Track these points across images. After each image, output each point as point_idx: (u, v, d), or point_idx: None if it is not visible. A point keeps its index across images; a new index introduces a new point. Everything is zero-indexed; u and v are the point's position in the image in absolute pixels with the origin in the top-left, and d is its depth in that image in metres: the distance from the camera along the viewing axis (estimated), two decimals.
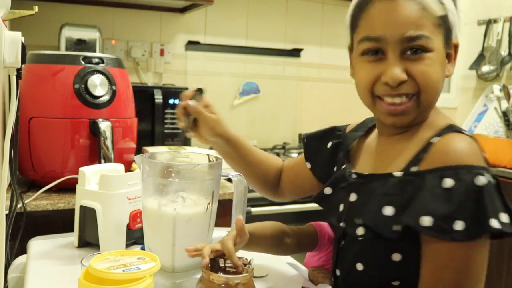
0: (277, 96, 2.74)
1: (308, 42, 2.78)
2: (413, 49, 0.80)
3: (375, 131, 0.97)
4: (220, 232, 1.30)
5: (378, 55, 0.83)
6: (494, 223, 0.71)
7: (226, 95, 2.61)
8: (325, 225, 1.15)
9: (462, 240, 0.72)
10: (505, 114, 2.44)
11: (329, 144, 1.05)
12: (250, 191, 2.03)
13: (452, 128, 0.82)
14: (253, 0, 2.63)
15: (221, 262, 0.84)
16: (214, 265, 0.82)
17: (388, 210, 0.79)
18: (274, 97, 2.74)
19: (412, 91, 0.82)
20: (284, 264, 1.16)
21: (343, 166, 0.97)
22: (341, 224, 0.90)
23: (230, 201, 1.01)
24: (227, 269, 0.83)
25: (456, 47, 0.86)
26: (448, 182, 0.73)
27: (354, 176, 0.90)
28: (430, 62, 0.81)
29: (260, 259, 1.18)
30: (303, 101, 2.81)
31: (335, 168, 1.01)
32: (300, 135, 2.79)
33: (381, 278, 0.83)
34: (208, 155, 1.01)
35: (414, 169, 0.79)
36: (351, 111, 3.00)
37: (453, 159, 0.75)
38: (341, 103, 2.93)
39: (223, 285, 0.77)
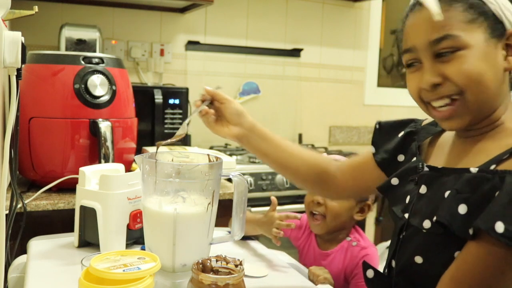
0: (277, 96, 2.74)
1: (308, 42, 2.78)
2: (443, 49, 0.80)
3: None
4: (221, 232, 1.31)
5: (417, 65, 0.85)
6: None
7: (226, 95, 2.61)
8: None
9: None
10: None
11: (401, 133, 1.02)
12: (250, 191, 2.03)
13: None
14: (253, 0, 2.63)
15: (214, 263, 0.83)
16: (206, 266, 0.82)
17: (462, 208, 0.76)
18: (274, 97, 2.74)
19: (451, 92, 0.81)
20: (284, 264, 1.16)
21: (414, 159, 0.95)
22: (406, 215, 0.89)
23: (230, 201, 1.01)
24: (219, 270, 0.82)
25: None
26: None
27: (426, 169, 0.89)
28: (464, 59, 0.79)
29: (260, 259, 1.18)
30: (303, 101, 2.81)
31: (403, 158, 0.98)
32: (300, 135, 2.79)
33: (438, 274, 0.80)
34: (208, 155, 1.01)
35: (493, 167, 0.76)
36: (351, 111, 3.01)
37: None
38: (341, 103, 2.93)
39: (212, 286, 0.77)
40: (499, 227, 0.70)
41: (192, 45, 2.48)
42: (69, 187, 1.39)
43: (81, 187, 1.14)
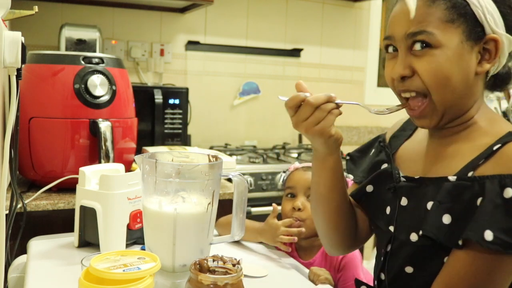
0: (277, 96, 2.74)
1: (308, 42, 2.78)
2: (417, 43, 0.80)
3: (423, 131, 0.94)
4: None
5: (394, 53, 0.85)
6: None
7: (226, 95, 2.61)
8: None
9: None
10: (505, 114, 2.44)
11: (372, 151, 1.03)
12: (250, 191, 2.03)
13: None
14: (253, 0, 2.62)
15: (210, 263, 0.83)
16: (203, 266, 0.81)
17: (446, 219, 0.77)
18: (274, 97, 2.73)
19: (417, 89, 0.82)
20: (284, 264, 1.16)
21: (385, 165, 0.95)
22: (390, 228, 0.89)
23: (230, 201, 1.01)
24: (216, 269, 0.82)
25: (495, 41, 0.79)
26: (510, 192, 0.71)
27: (403, 179, 0.89)
28: (434, 58, 0.79)
29: (260, 259, 1.18)
30: None
31: (376, 168, 0.98)
32: (300, 135, 2.78)
33: (429, 281, 0.81)
34: (208, 155, 1.01)
35: (471, 174, 0.77)
36: (351, 111, 3.00)
37: None
38: None
39: (211, 286, 0.76)
40: (488, 235, 0.71)
41: (192, 45, 2.48)
42: (69, 187, 1.39)
43: (81, 187, 1.14)
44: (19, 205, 1.28)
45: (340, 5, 2.80)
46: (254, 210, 1.98)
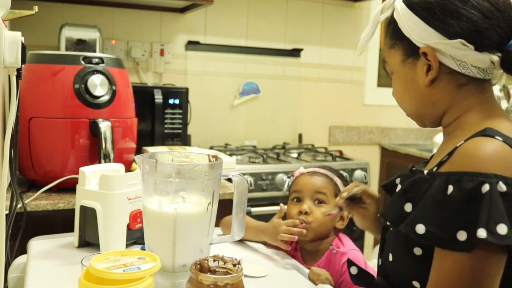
0: (277, 96, 2.74)
1: (308, 42, 2.78)
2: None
3: None
4: (221, 232, 1.30)
5: None
6: (481, 233, 0.68)
7: (226, 95, 2.61)
8: None
9: (461, 251, 0.71)
10: None
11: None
12: (250, 191, 2.03)
13: (484, 132, 0.77)
14: (253, 0, 2.62)
15: (211, 263, 0.83)
16: (203, 266, 0.82)
17: (408, 207, 0.80)
18: (274, 97, 2.74)
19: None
20: (284, 264, 1.16)
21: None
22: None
23: (230, 201, 1.01)
24: (217, 270, 0.82)
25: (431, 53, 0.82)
26: (450, 189, 0.72)
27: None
28: (393, 84, 0.92)
29: (260, 259, 1.18)
30: (303, 101, 2.81)
31: None
32: (300, 135, 2.78)
33: (402, 273, 0.83)
34: (208, 155, 1.01)
35: (435, 169, 0.80)
36: (351, 111, 3.01)
37: (465, 165, 0.73)
38: (341, 103, 2.93)
39: (212, 286, 0.77)
40: (420, 229, 0.74)
41: (192, 45, 2.49)
42: (69, 187, 1.39)
43: (81, 187, 1.14)
44: (19, 205, 1.28)
45: (340, 5, 2.80)
46: (254, 210, 1.98)
